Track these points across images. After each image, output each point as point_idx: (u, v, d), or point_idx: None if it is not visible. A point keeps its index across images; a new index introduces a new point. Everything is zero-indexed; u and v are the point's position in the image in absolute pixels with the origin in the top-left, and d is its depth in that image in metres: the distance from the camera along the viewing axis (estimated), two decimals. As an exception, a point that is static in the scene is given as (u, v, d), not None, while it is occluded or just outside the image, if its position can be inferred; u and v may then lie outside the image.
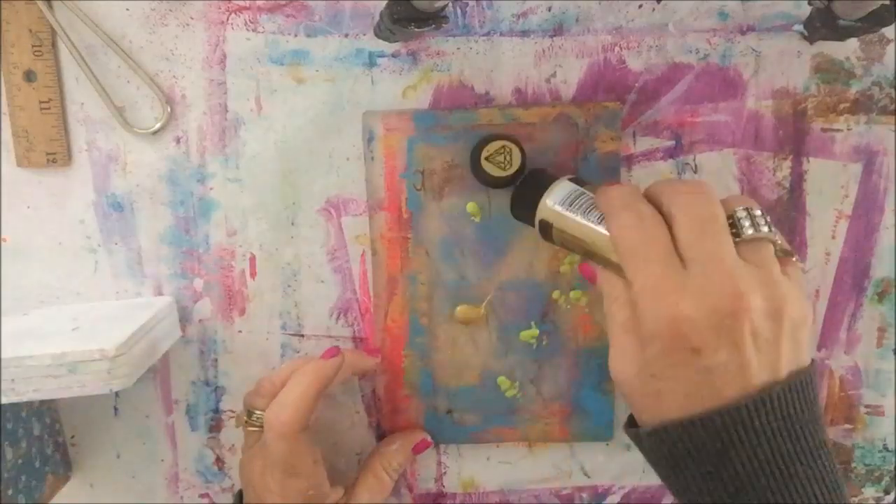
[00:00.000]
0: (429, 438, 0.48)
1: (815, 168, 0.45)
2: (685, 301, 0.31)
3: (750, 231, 0.33)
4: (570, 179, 0.40)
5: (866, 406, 0.48)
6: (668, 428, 0.33)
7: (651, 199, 0.36)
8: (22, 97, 0.44)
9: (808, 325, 0.33)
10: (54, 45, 0.44)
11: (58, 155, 0.45)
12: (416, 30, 0.38)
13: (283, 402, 0.41)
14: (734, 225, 0.33)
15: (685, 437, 0.32)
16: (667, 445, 0.33)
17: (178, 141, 0.45)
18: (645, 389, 0.34)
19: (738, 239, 0.33)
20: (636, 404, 0.35)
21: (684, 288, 0.32)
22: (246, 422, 0.44)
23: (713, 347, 0.31)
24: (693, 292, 0.31)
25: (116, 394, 0.49)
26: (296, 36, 0.44)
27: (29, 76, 0.44)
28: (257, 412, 0.43)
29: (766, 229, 0.33)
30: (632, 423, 0.36)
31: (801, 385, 0.32)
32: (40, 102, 0.44)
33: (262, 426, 0.42)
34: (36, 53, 0.43)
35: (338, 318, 0.48)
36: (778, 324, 0.32)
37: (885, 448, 0.48)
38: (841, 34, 0.39)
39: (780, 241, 0.34)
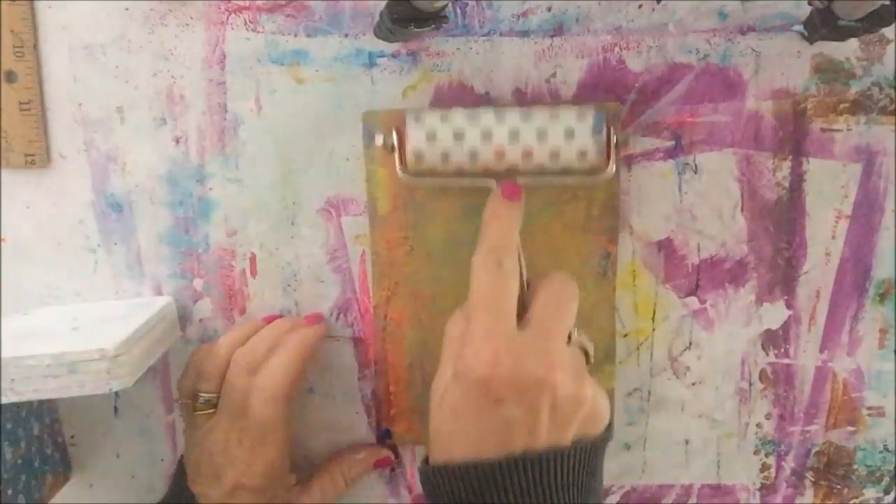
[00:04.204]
0: (392, 456, 0.49)
1: (815, 168, 0.45)
2: (506, 357, 0.34)
3: (575, 335, 0.38)
4: None
5: (868, 408, 0.47)
6: (455, 467, 0.35)
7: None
8: (2, 98, 0.44)
9: (596, 423, 0.37)
10: (36, 46, 0.44)
11: (36, 157, 0.44)
12: (416, 30, 0.38)
13: (274, 367, 0.43)
14: None
15: (468, 478, 0.34)
16: (449, 483, 0.35)
17: (177, 141, 0.45)
18: (443, 426, 0.36)
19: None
20: (433, 440, 0.37)
21: (511, 345, 0.35)
22: (194, 406, 0.44)
23: (514, 402, 0.34)
24: (516, 352, 0.35)
25: (116, 394, 0.49)
26: (296, 36, 0.44)
27: (9, 77, 0.44)
28: (206, 395, 0.44)
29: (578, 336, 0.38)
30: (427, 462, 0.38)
31: (584, 454, 0.36)
32: (20, 103, 0.44)
33: (213, 409, 0.43)
34: (17, 54, 0.43)
35: (337, 318, 0.48)
36: (574, 408, 0.35)
37: (886, 448, 0.48)
38: (841, 34, 0.39)
39: (589, 351, 0.39)
